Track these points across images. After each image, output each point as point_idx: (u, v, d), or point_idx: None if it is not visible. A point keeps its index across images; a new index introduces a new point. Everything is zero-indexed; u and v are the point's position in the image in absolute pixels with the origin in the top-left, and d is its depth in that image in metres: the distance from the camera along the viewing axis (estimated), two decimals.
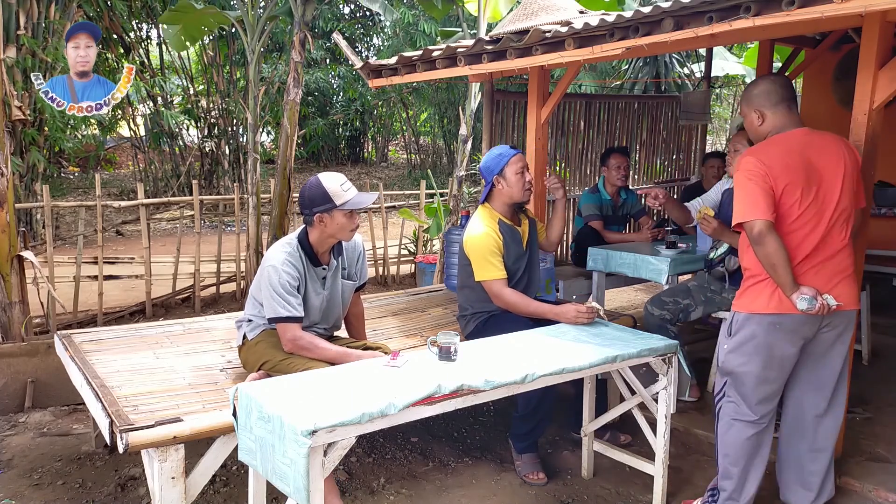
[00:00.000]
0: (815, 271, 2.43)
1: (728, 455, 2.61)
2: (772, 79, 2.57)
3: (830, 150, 2.46)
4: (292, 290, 2.72)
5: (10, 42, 6.89)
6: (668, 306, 3.60)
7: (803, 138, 2.47)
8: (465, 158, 6.16)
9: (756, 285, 2.51)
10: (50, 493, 2.95)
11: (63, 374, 3.15)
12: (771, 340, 2.47)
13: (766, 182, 2.38)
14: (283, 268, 2.71)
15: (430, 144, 17.13)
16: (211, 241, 6.67)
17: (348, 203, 2.73)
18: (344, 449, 1.97)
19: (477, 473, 3.15)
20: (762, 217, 2.34)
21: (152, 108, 12.05)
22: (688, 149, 6.99)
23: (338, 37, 4.74)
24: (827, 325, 2.49)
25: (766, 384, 2.53)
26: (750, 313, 2.51)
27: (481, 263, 3.12)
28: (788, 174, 2.39)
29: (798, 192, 2.39)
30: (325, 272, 2.89)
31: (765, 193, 2.37)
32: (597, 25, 2.88)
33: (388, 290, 6.58)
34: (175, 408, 2.50)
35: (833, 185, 2.43)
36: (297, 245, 2.80)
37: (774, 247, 2.34)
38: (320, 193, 2.72)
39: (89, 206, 5.59)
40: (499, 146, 3.24)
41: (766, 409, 2.57)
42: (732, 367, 2.57)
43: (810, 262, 2.42)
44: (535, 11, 3.52)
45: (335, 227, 2.76)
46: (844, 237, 2.46)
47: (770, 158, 2.41)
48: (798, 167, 2.40)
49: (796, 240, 2.42)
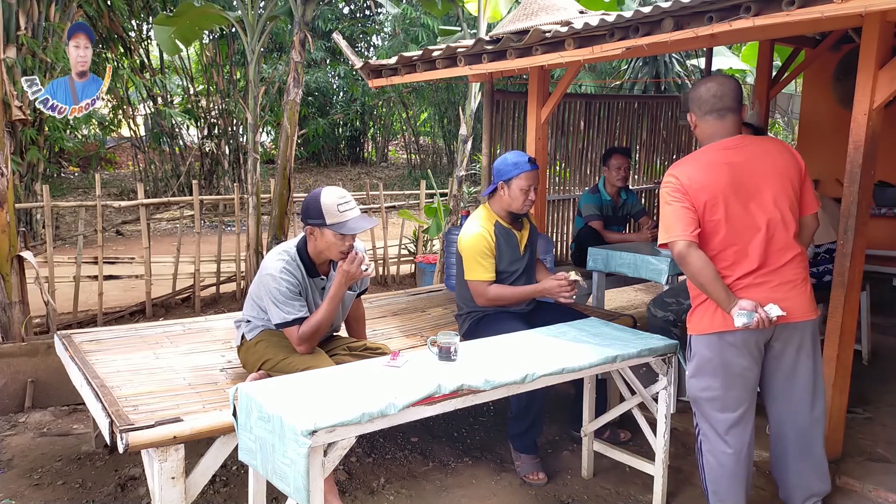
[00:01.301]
0: (759, 284, 2.38)
1: (717, 491, 2.54)
2: (708, 85, 2.44)
3: (765, 159, 2.40)
4: (294, 296, 2.71)
5: (10, 42, 6.89)
6: (671, 307, 3.60)
7: (731, 149, 2.39)
8: (465, 158, 6.16)
9: (700, 306, 2.48)
10: (50, 493, 2.95)
11: (63, 374, 3.15)
12: (724, 359, 2.42)
13: (687, 199, 2.35)
14: (281, 276, 2.69)
15: (430, 144, 17.13)
16: (211, 241, 6.68)
17: (338, 225, 2.64)
18: (344, 449, 1.97)
19: (477, 473, 3.15)
20: (681, 237, 2.33)
21: (152, 107, 12.05)
22: (688, 149, 6.98)
23: (338, 37, 4.74)
24: (777, 339, 2.43)
25: (731, 408, 2.46)
26: (699, 335, 2.48)
27: (469, 263, 3.14)
28: (709, 190, 2.34)
29: (722, 207, 2.34)
30: (325, 282, 2.87)
31: (685, 211, 2.34)
32: (597, 25, 2.89)
33: (388, 290, 6.58)
34: (175, 408, 2.50)
35: (766, 195, 2.37)
36: (295, 254, 2.78)
37: (698, 265, 2.32)
38: (315, 207, 2.66)
39: (89, 206, 5.59)
40: (519, 153, 3.15)
41: (740, 437, 2.48)
42: (696, 392, 2.53)
43: (752, 275, 2.38)
44: (535, 11, 3.52)
45: (324, 244, 2.70)
46: (789, 246, 2.39)
47: (689, 175, 2.37)
48: (721, 181, 2.35)
49: (731, 255, 2.38)
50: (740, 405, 2.47)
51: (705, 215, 2.36)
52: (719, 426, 2.50)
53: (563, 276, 3.05)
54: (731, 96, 2.42)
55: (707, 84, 2.45)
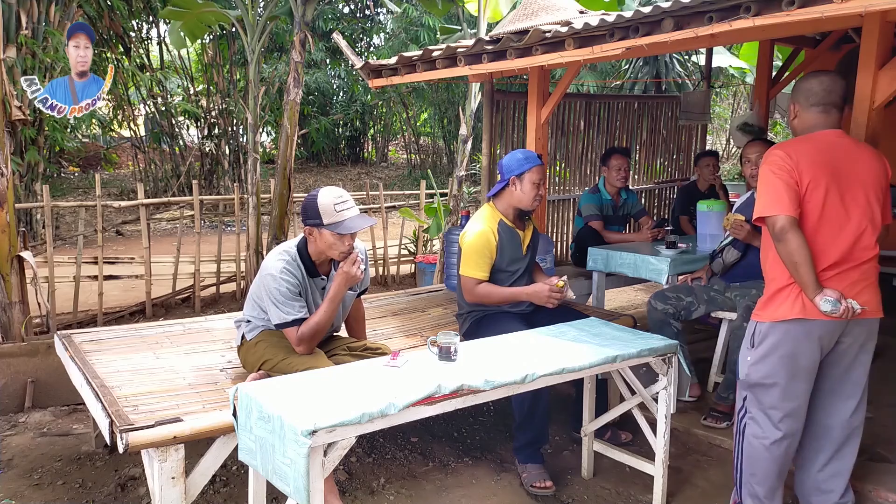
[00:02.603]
0: (840, 277, 2.36)
1: (755, 474, 2.52)
2: (819, 79, 2.45)
3: (862, 158, 2.41)
4: (294, 296, 2.71)
5: (11, 42, 6.88)
6: (671, 301, 3.62)
7: (835, 140, 2.41)
8: (465, 158, 6.16)
9: (778, 293, 2.43)
10: (50, 493, 2.95)
11: (63, 374, 3.15)
12: (796, 349, 2.40)
13: (792, 177, 2.31)
14: (282, 276, 2.69)
15: (430, 144, 17.12)
16: (211, 241, 6.67)
17: (336, 225, 2.65)
18: (344, 449, 1.97)
19: (477, 473, 3.15)
20: (785, 212, 2.27)
21: (152, 107, 12.05)
22: (688, 149, 6.98)
23: (338, 37, 4.74)
24: (849, 334, 2.43)
25: (791, 398, 2.45)
26: (773, 321, 2.43)
27: (466, 258, 3.15)
28: (814, 171, 2.32)
29: (822, 192, 2.33)
30: (325, 283, 2.87)
31: (789, 188, 2.30)
32: (597, 25, 2.89)
33: (388, 290, 6.59)
34: (175, 408, 2.50)
35: (860, 192, 2.37)
36: (295, 254, 2.78)
37: (797, 244, 2.26)
38: (313, 207, 2.67)
39: (89, 206, 5.59)
40: (525, 150, 3.21)
41: (793, 424, 2.48)
42: (757, 379, 2.49)
43: (836, 267, 2.36)
44: (535, 11, 3.52)
45: (323, 245, 2.71)
46: (873, 246, 2.39)
47: (798, 153, 2.35)
48: (825, 167, 2.34)
49: (821, 242, 2.35)
50: (800, 395, 2.46)
51: (805, 195, 2.33)
52: (774, 414, 2.47)
53: (552, 282, 3.05)
54: (839, 94, 2.42)
55: (819, 77, 2.46)
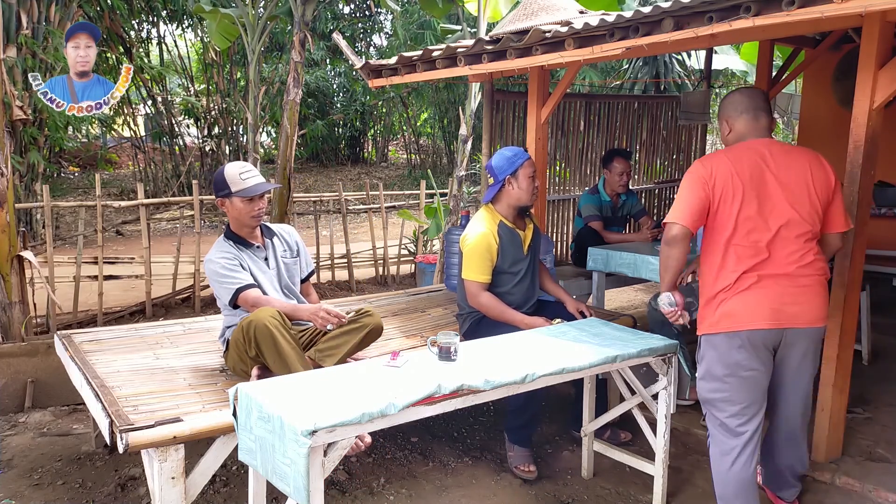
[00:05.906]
0: (767, 283, 2.38)
1: (725, 495, 2.53)
2: (741, 90, 2.59)
3: (795, 165, 2.42)
4: (233, 267, 2.87)
5: (11, 42, 6.89)
6: None
7: (762, 149, 2.44)
8: (465, 158, 6.16)
9: (707, 305, 2.50)
10: (50, 493, 2.95)
11: (63, 374, 3.15)
12: (731, 359, 2.43)
13: (704, 190, 2.41)
14: (215, 256, 2.90)
15: (430, 144, 17.12)
16: (211, 241, 6.64)
17: (243, 191, 2.89)
18: (344, 449, 1.97)
19: (477, 473, 3.15)
20: (683, 223, 2.41)
21: (152, 107, 12.05)
22: (688, 149, 6.98)
23: (338, 37, 4.73)
24: (785, 343, 2.44)
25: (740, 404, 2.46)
26: (706, 334, 2.50)
27: (468, 262, 3.15)
28: (731, 182, 2.39)
29: (738, 202, 2.38)
30: (264, 252, 3.04)
31: (698, 201, 2.41)
32: (597, 25, 2.89)
33: (388, 290, 6.58)
34: (175, 408, 2.50)
35: (785, 198, 2.39)
36: (222, 236, 3.00)
37: (679, 253, 2.45)
38: (220, 179, 2.92)
39: (89, 206, 5.59)
40: (510, 147, 3.22)
41: (749, 426, 2.47)
42: (706, 394, 2.54)
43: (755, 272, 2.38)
44: (535, 11, 3.52)
45: (236, 212, 2.92)
46: (801, 252, 2.39)
47: (715, 164, 2.43)
48: (744, 177, 2.39)
49: (741, 250, 2.40)
50: (752, 405, 2.47)
51: (718, 206, 2.41)
52: (730, 422, 2.48)
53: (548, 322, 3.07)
54: (764, 99, 2.54)
55: (741, 89, 2.61)
